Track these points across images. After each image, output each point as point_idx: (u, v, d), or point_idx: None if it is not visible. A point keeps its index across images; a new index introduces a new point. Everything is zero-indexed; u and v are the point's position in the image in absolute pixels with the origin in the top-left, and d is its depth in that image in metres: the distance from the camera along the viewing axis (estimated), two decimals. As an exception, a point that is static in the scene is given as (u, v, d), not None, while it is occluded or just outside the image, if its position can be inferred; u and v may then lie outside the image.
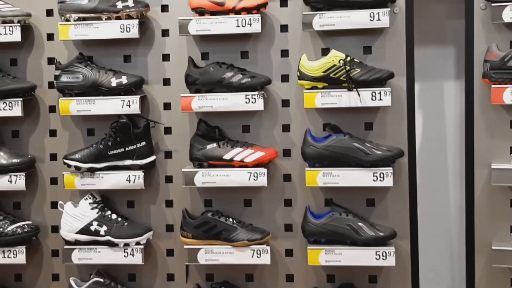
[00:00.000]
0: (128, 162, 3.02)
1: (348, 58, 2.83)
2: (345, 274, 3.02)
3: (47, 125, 3.16)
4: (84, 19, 2.97)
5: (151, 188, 3.12)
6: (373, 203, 3.00)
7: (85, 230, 3.01)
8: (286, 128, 3.03)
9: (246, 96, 2.89)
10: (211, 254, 2.96)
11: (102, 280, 3.06)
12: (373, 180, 2.83)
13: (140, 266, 3.10)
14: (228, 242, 2.95)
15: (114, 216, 3.04)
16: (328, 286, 3.04)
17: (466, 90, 2.91)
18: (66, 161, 3.01)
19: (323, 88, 2.85)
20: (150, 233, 3.07)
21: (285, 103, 3.02)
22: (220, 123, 3.03)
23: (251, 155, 2.91)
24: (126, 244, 3.00)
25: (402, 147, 2.89)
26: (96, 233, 3.01)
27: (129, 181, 2.99)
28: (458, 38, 3.09)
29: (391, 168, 2.83)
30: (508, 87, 2.73)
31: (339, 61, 2.82)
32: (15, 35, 3.00)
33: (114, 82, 2.97)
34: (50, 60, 3.11)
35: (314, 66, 2.85)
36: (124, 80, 2.98)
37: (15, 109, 3.02)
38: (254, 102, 2.89)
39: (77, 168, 3.00)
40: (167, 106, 3.09)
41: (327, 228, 2.88)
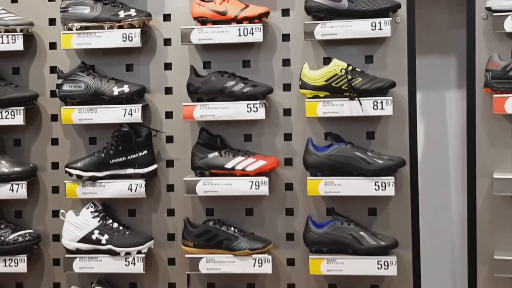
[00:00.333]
0: (130, 171, 3.02)
1: (350, 67, 2.83)
2: (347, 284, 3.01)
3: (49, 134, 3.16)
4: (87, 28, 2.98)
5: (153, 197, 3.12)
6: (375, 212, 2.99)
7: (87, 239, 3.01)
8: (288, 137, 3.03)
9: (248, 105, 2.89)
10: (213, 263, 2.96)
11: (103, 289, 3.06)
12: (375, 189, 2.82)
13: (142, 275, 3.09)
14: (230, 251, 2.94)
15: (116, 225, 3.04)
16: (330, 296, 3.04)
17: (468, 100, 2.91)
18: (68, 170, 3.01)
19: (325, 97, 2.86)
20: (152, 242, 3.06)
21: (287, 112, 3.02)
22: (222, 132, 3.03)
23: (253, 164, 2.91)
24: (128, 253, 3.00)
25: (404, 156, 2.89)
26: (98, 242, 3.01)
27: (131, 190, 2.99)
28: (460, 48, 3.10)
29: (393, 177, 2.83)
30: (510, 97, 2.73)
31: (341, 70, 2.82)
32: (18, 44, 3.01)
33: (116, 91, 2.98)
34: (53, 69, 3.12)
35: (316, 75, 2.85)
36: (126, 89, 2.98)
37: (17, 118, 3.02)
38: (256, 111, 2.89)
39: (79, 177, 3.00)
40: (169, 115, 3.09)
41: (329, 237, 2.88)
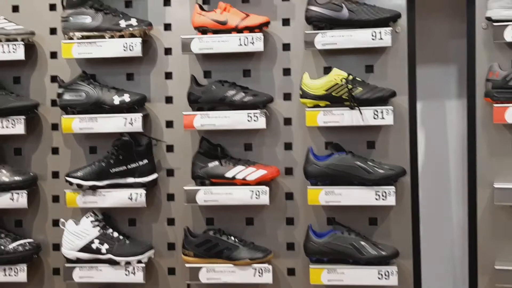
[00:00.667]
0: (130, 180, 3.02)
1: (350, 77, 2.83)
2: (347, 293, 3.00)
3: (50, 143, 3.16)
4: (88, 38, 2.99)
5: (153, 206, 3.11)
6: (376, 222, 2.99)
7: (87, 248, 3.01)
8: (288, 146, 3.03)
9: (248, 114, 2.89)
10: (213, 273, 2.95)
11: (103, 299, 3.06)
12: (376, 199, 2.82)
13: (142, 285, 3.08)
14: (230, 261, 2.94)
15: (116, 234, 3.03)
16: (330, 305, 3.03)
17: (468, 109, 2.91)
18: (68, 179, 3.01)
19: (325, 107, 2.86)
20: (152, 252, 3.06)
21: (287, 122, 3.02)
22: (222, 141, 3.03)
23: (253, 173, 2.90)
24: (128, 263, 2.99)
25: (405, 166, 2.89)
26: (98, 251, 3.00)
27: (131, 199, 2.99)
28: (460, 57, 3.10)
29: (394, 187, 2.83)
30: (510, 106, 2.73)
31: (341, 80, 2.83)
32: (19, 53, 3.01)
33: (117, 100, 2.98)
34: (53, 78, 3.12)
35: (316, 85, 2.85)
36: (127, 98, 2.98)
37: (18, 127, 3.03)
38: (256, 120, 2.89)
39: (79, 186, 3.00)
40: (170, 124, 3.09)
41: (330, 247, 2.87)
